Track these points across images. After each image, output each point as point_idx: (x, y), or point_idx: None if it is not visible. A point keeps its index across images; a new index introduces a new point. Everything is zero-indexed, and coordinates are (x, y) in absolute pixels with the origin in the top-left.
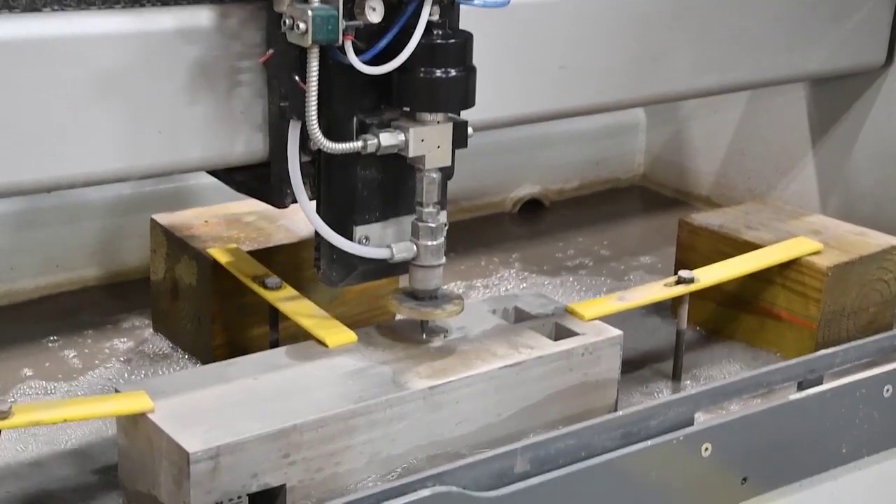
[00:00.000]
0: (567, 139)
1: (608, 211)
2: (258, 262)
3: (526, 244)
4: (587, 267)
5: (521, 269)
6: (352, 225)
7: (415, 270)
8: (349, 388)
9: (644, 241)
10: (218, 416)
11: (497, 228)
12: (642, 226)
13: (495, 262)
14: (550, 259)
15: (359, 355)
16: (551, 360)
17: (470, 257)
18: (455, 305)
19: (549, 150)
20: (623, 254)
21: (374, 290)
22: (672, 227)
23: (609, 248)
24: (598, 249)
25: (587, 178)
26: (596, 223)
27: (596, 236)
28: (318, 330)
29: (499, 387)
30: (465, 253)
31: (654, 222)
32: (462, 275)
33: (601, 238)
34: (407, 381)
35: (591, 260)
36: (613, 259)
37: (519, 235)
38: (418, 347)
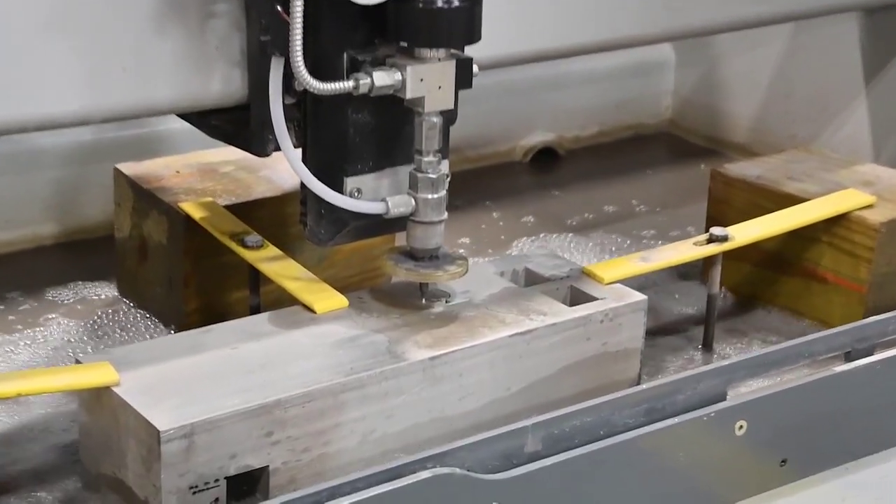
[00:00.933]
0: (585, 79)
1: (631, 161)
2: (237, 218)
3: (538, 198)
4: (607, 224)
5: (532, 226)
6: (342, 176)
7: (413, 227)
8: (339, 359)
9: (671, 195)
10: (192, 390)
11: (506, 180)
12: (669, 177)
13: (504, 218)
14: (565, 215)
15: (350, 322)
16: (566, 327)
17: (475, 213)
18: (458, 267)
19: (564, 91)
20: (647, 209)
21: (367, 250)
22: (703, 179)
23: (632, 203)
24: (620, 204)
25: (607, 124)
26: (617, 174)
27: (617, 189)
28: (305, 294)
29: (507, 357)
30: (469, 208)
31: (682, 173)
32: (466, 232)
33: (623, 191)
34: (404, 352)
35: (612, 216)
36: (637, 215)
37: (530, 188)
38: (417, 314)
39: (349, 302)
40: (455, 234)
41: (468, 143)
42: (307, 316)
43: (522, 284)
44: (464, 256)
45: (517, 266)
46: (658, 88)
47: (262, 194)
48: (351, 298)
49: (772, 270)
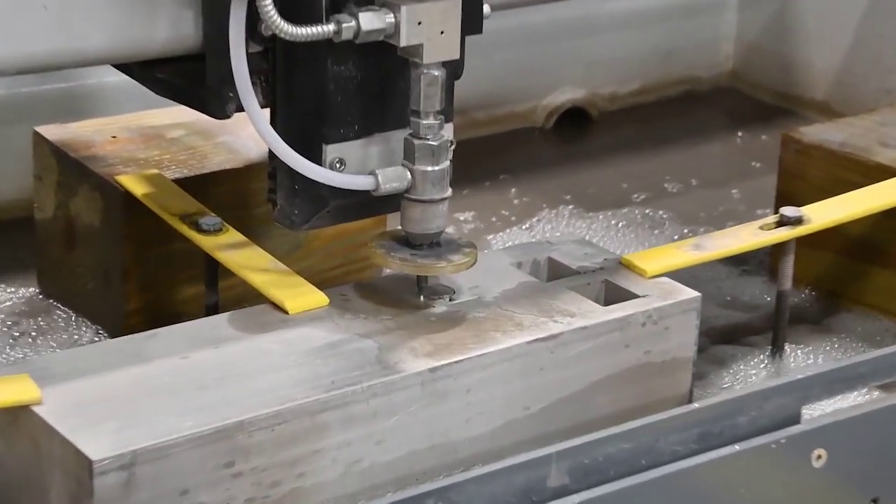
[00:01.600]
0: (623, 22)
1: (681, 124)
2: (189, 196)
3: (564, 172)
4: (650, 203)
5: (557, 206)
6: (321, 143)
7: (409, 207)
8: (317, 371)
9: (731, 167)
10: (133, 410)
11: (524, 149)
12: (729, 144)
13: (521, 196)
14: (598, 192)
15: (331, 325)
16: (599, 332)
17: (486, 189)
18: (465, 256)
19: (597, 37)
20: (701, 184)
21: (351, 236)
22: (772, 146)
23: (681, 176)
24: (666, 178)
25: (652, 78)
26: (663, 142)
27: (663, 160)
28: (275, 290)
29: (526, 369)
30: (479, 183)
31: (746, 139)
32: (476, 213)
33: (671, 162)
34: (398, 361)
35: (656, 193)
36: (688, 192)
37: (555, 159)
38: (413, 314)
39: (329, 300)
40: (461, 216)
41: (477, 102)
42: (277, 317)
43: (545, 279)
44: (472, 244)
45: (538, 255)
46: (716, 33)
47: (220, 166)
48: (332, 295)
49: (858, 261)
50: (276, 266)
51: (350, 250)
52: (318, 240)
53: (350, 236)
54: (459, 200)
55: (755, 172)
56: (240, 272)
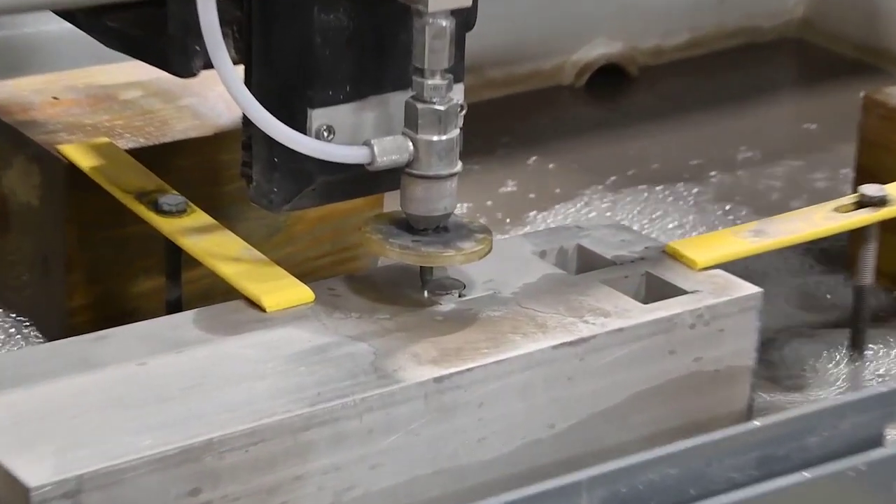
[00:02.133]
0: None
1: (739, 83)
2: (146, 169)
3: (597, 141)
4: (700, 178)
5: (588, 183)
6: (305, 107)
7: (411, 185)
8: (301, 380)
9: (799, 134)
10: (79, 427)
11: (550, 114)
12: (797, 108)
13: (545, 170)
14: (638, 165)
15: (317, 326)
16: (639, 334)
17: (504, 163)
18: (477, 244)
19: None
20: (763, 156)
21: (341, 219)
22: (852, 110)
23: (738, 147)
24: (720, 149)
25: (703, 28)
26: (716, 105)
27: (715, 127)
28: (249, 283)
29: (550, 380)
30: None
31: (818, 101)
32: (490, 192)
33: (725, 130)
34: (397, 369)
35: (708, 166)
36: (746, 165)
37: (586, 125)
38: (416, 313)
39: (315, 295)
40: (474, 195)
41: (494, 58)
42: (252, 315)
43: (574, 271)
44: (486, 228)
45: (566, 242)
46: None
47: (183, 134)
48: (318, 290)
49: None
50: (250, 254)
51: (340, 236)
52: (302, 223)
53: (340, 219)
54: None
55: (829, 142)
56: (207, 261)
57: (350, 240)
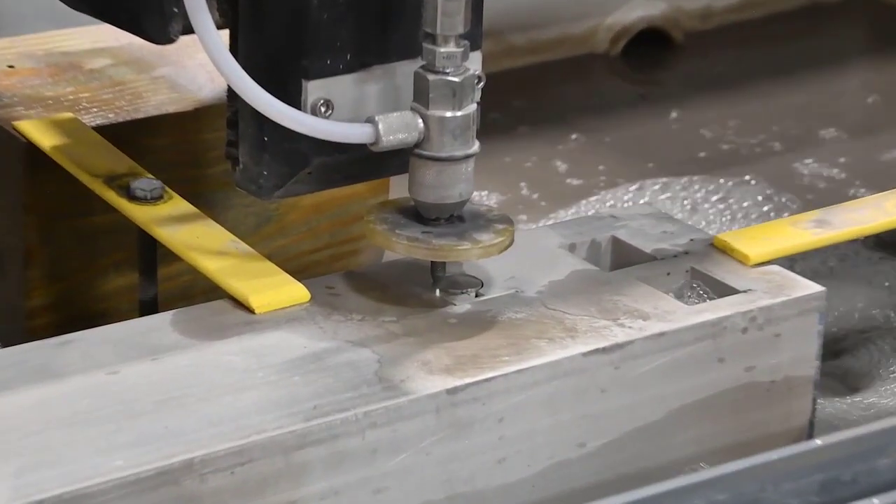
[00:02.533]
0: None
1: (799, 50)
2: (117, 150)
3: (635, 117)
4: (755, 159)
5: (624, 166)
6: (300, 78)
7: (421, 168)
8: (294, 392)
9: (870, 109)
10: (42, 445)
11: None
12: (866, 78)
13: (576, 150)
14: (681, 144)
15: (313, 329)
16: (683, 340)
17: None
18: (497, 235)
19: None
20: (828, 134)
21: (341, 207)
22: None
23: (799, 123)
24: (777, 127)
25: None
26: (773, 75)
27: (772, 100)
28: (235, 280)
29: (581, 392)
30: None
31: (890, 71)
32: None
33: (783, 103)
34: (405, 379)
35: (763, 146)
36: (807, 143)
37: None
38: (426, 315)
39: (311, 294)
40: (492, 180)
41: (517, 22)
42: (239, 317)
43: (608, 267)
44: (507, 217)
45: (599, 234)
46: None
47: (159, 109)
48: (314, 288)
49: None
50: (237, 248)
51: (339, 226)
52: (296, 212)
53: (339, 207)
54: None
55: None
56: (187, 255)
57: (351, 231)
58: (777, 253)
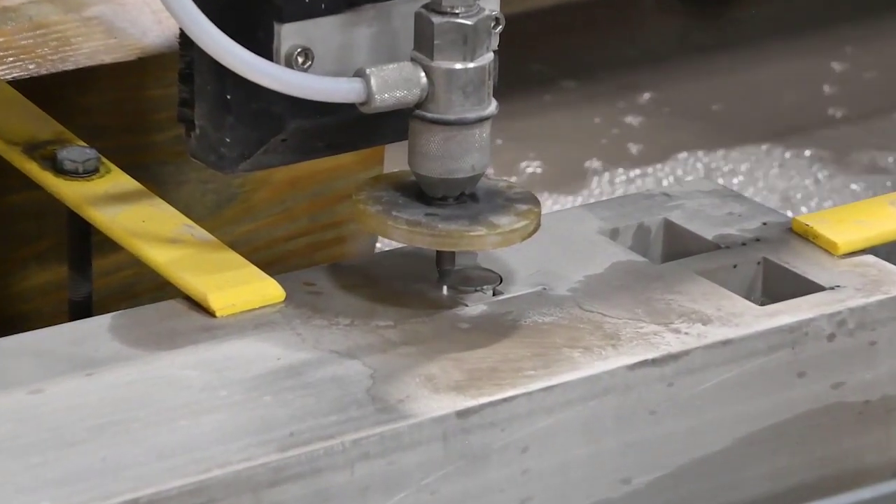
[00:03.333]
0: None
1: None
2: (40, 110)
3: (692, 72)
4: (837, 126)
5: (679, 131)
6: (271, 20)
7: (424, 134)
8: (266, 415)
9: None
10: None
11: (625, 32)
12: None
13: (620, 112)
14: (749, 107)
15: (289, 336)
16: (754, 349)
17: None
18: (519, 218)
19: None
20: None
21: (323, 183)
22: None
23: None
24: (868, 84)
25: None
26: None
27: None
28: (191, 275)
29: (625, 414)
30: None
31: None
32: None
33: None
34: (404, 399)
35: (849, 110)
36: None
37: (677, 51)
38: (431, 319)
39: (286, 293)
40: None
41: None
42: (196, 322)
43: (659, 258)
44: (531, 196)
45: (648, 216)
46: None
47: (93, 58)
48: (290, 285)
49: None
50: (192, 234)
51: (320, 208)
52: (267, 189)
53: (321, 184)
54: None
55: None
56: (129, 244)
57: (336, 213)
58: (872, 240)
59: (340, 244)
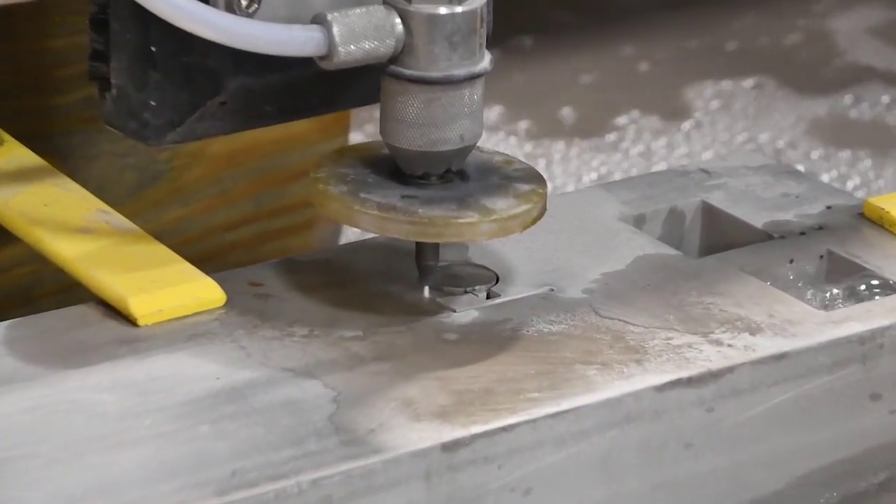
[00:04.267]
0: None
1: None
2: None
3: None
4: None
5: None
6: None
7: (400, 96)
8: (202, 449)
9: None
10: None
11: None
12: None
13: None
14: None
15: (230, 350)
16: (816, 366)
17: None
18: (520, 202)
19: None
20: None
21: (272, 157)
22: None
23: None
24: None
25: None
26: None
27: None
28: (107, 273)
29: (653, 448)
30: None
31: None
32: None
33: None
34: (376, 428)
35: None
36: None
37: None
38: (410, 328)
39: (227, 296)
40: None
41: None
42: (114, 332)
43: (696, 250)
44: (535, 173)
45: (681, 199)
46: None
47: None
48: (232, 286)
49: None
50: (107, 221)
51: (269, 188)
52: (201, 165)
53: (269, 158)
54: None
55: None
56: (28, 234)
57: (288, 195)
58: None
59: (295, 234)
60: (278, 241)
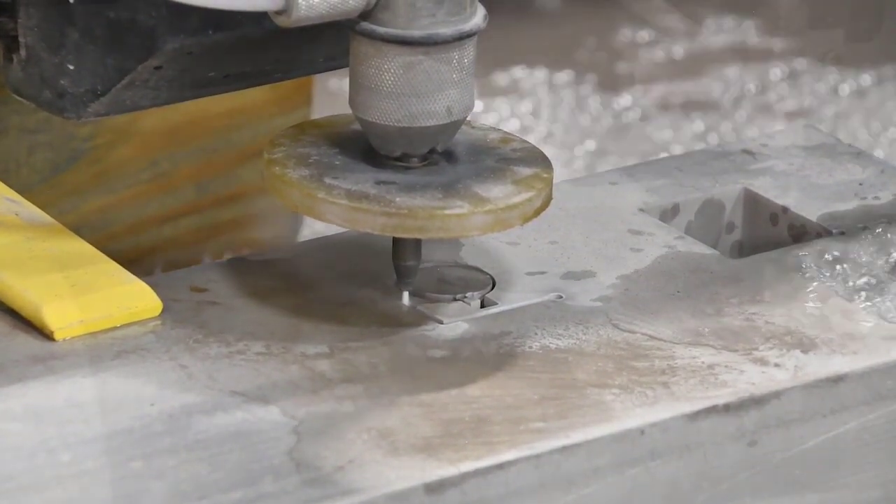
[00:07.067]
0: None
1: None
2: None
3: None
4: None
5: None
6: None
7: (375, 60)
8: (134, 490)
9: None
10: None
11: None
12: None
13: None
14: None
15: (169, 369)
16: (883, 391)
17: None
18: (521, 190)
19: None
20: None
21: (217, 134)
22: None
23: None
24: None
25: None
26: None
27: None
28: (17, 278)
29: (685, 486)
30: None
31: None
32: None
33: None
34: (346, 465)
35: None
36: None
37: None
38: (387, 342)
39: (163, 304)
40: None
41: None
42: (26, 348)
43: (733, 249)
44: (538, 153)
45: (717, 186)
46: None
47: None
48: (169, 291)
49: None
50: (17, 212)
51: (214, 172)
52: (131, 144)
53: (214, 136)
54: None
55: None
56: None
57: (237, 181)
58: None
59: (244, 228)
60: (225, 236)
